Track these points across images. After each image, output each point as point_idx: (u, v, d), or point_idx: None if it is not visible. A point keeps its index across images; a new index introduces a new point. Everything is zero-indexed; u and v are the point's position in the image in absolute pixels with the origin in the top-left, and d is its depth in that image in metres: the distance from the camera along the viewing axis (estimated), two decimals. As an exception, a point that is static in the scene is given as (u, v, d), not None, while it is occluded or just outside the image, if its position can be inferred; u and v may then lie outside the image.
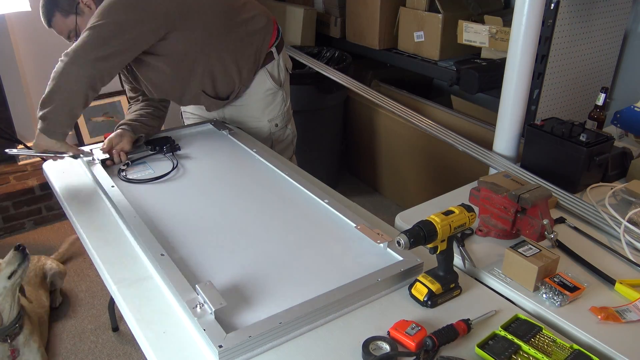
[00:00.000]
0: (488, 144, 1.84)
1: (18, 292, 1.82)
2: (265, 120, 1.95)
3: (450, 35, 2.59)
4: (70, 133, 3.41)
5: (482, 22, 2.47)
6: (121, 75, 1.86)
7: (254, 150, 1.73)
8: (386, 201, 3.11)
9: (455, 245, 1.27)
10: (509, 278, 1.18)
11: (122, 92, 3.42)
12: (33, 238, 2.79)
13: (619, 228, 1.32)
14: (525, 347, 0.97)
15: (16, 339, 1.81)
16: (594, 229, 1.39)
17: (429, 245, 1.07)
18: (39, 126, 1.54)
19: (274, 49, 1.88)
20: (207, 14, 1.68)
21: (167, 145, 1.72)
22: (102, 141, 1.73)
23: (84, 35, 1.51)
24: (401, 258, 1.19)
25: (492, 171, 1.73)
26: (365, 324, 1.04)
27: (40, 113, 1.52)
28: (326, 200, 1.42)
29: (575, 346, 0.97)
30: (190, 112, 2.10)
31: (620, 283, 1.14)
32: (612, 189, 1.49)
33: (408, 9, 2.74)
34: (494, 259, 1.24)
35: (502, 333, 1.00)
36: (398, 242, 1.02)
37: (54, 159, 1.65)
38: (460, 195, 1.49)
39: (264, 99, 1.92)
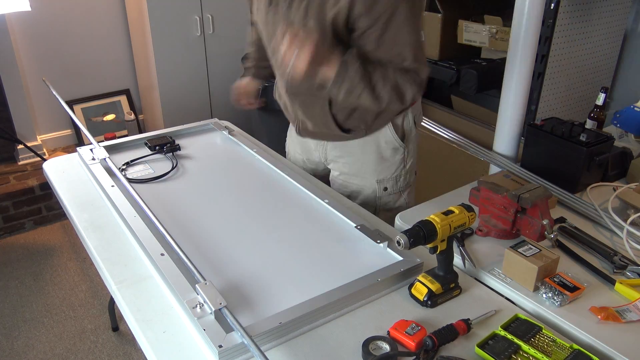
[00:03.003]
0: (488, 145, 1.84)
1: None
2: (372, 180, 1.55)
3: (450, 35, 2.59)
4: (69, 132, 3.44)
5: (482, 22, 2.47)
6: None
7: (254, 150, 1.73)
8: (386, 201, 3.11)
9: (455, 245, 1.27)
10: (509, 278, 1.18)
11: (122, 92, 3.42)
12: (33, 238, 2.79)
13: (622, 232, 1.33)
14: (525, 347, 0.97)
15: None
16: (594, 229, 1.39)
17: (429, 245, 1.07)
18: None
19: None
20: None
21: (167, 145, 1.72)
22: (102, 141, 1.72)
23: None
24: (401, 258, 1.19)
25: (492, 171, 1.73)
26: (365, 324, 1.04)
27: None
28: (326, 200, 1.42)
29: (575, 346, 0.97)
30: (296, 152, 1.74)
31: (620, 283, 1.14)
32: (614, 189, 1.49)
33: (408, 9, 2.73)
34: (494, 259, 1.24)
35: (502, 333, 1.00)
36: (398, 242, 1.02)
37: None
38: (460, 195, 1.49)
39: (376, 152, 1.52)
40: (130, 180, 1.53)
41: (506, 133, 1.74)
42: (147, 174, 1.59)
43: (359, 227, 1.31)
